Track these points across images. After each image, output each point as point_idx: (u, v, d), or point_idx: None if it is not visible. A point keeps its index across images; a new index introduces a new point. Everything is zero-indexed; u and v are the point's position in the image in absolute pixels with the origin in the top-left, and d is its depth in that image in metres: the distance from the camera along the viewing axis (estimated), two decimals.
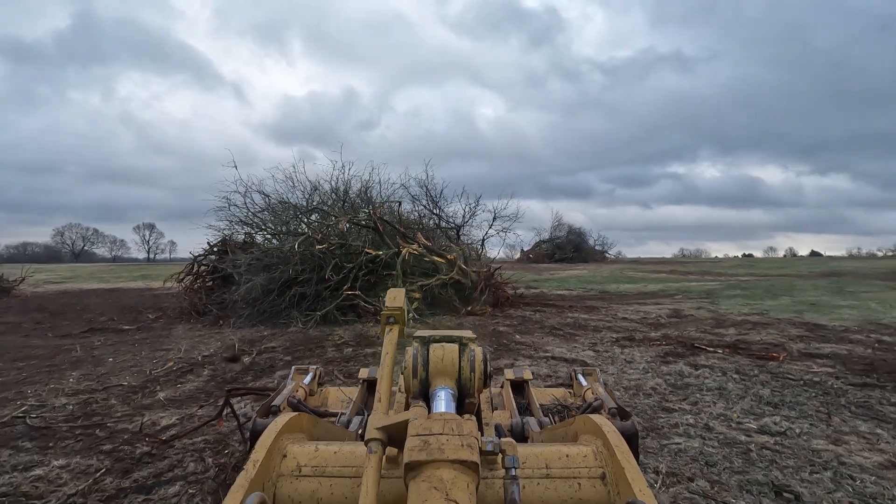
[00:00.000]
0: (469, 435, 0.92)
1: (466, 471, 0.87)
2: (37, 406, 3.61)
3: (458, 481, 0.85)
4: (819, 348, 5.63)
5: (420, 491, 0.84)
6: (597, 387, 2.16)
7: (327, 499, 1.06)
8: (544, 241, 39.77)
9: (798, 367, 4.70)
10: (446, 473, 0.85)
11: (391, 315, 1.54)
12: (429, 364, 1.34)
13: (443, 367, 1.33)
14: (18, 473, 2.48)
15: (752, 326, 7.35)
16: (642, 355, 5.31)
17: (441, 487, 0.83)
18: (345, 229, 8.73)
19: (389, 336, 1.48)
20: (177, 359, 5.27)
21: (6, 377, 4.55)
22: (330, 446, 1.15)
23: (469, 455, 0.88)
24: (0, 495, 2.25)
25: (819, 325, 7.46)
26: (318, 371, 2.44)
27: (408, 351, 1.39)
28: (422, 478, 0.86)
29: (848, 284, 15.00)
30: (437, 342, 1.39)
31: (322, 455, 1.11)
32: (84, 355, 5.62)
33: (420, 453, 0.88)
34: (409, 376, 1.34)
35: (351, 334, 6.88)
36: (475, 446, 0.90)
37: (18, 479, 2.42)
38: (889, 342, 5.98)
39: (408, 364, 1.36)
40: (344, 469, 1.09)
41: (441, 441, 0.89)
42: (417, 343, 1.41)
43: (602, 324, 7.78)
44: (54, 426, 3.18)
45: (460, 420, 0.95)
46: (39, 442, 2.92)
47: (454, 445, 0.88)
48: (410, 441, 0.91)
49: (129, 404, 3.68)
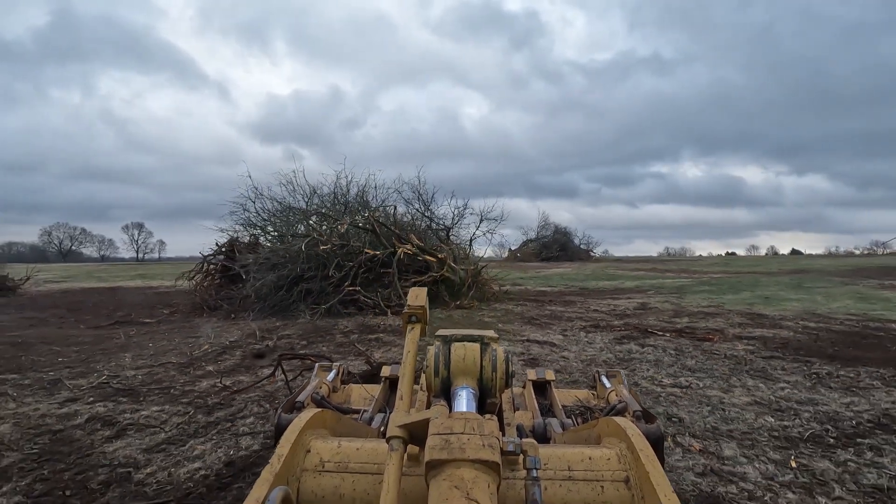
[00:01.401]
0: (490, 435, 0.92)
1: (487, 471, 0.87)
2: (112, 376, 4.52)
3: (479, 481, 0.85)
4: (751, 332, 6.70)
5: (441, 490, 0.84)
6: (621, 389, 2.15)
7: (350, 494, 1.07)
8: (531, 241, 41.00)
9: (726, 346, 5.76)
10: (467, 473, 0.86)
11: (413, 314, 1.51)
12: (450, 363, 1.36)
13: (464, 366, 1.34)
14: (130, 414, 3.41)
15: (704, 316, 8.44)
16: (602, 338, 6.34)
17: (462, 487, 0.83)
18: (345, 231, 9.66)
19: (411, 335, 1.46)
20: (209, 343, 6.19)
21: (71, 358, 5.45)
22: (352, 443, 1.16)
23: (490, 455, 0.88)
24: (128, 425, 3.19)
25: (762, 314, 8.57)
26: (341, 368, 2.50)
27: (429, 350, 1.42)
28: (442, 476, 0.86)
29: (808, 281, 16.24)
30: (458, 341, 1.41)
31: (345, 451, 1.13)
32: (126, 342, 6.51)
33: (441, 452, 0.88)
34: (430, 375, 1.36)
35: (354, 324, 7.82)
36: (496, 446, 0.91)
37: (134, 417, 3.36)
38: (812, 327, 7.08)
39: (429, 363, 1.38)
40: (366, 465, 1.10)
41: (462, 440, 0.89)
42: (439, 342, 1.43)
43: (575, 315, 8.82)
44: (136, 388, 4.11)
45: (482, 419, 0.95)
46: (131, 398, 3.85)
47: (475, 445, 0.89)
48: (432, 440, 0.92)
49: (185, 375, 4.61)
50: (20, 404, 3.63)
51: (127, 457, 2.72)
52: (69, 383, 4.22)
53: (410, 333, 1.44)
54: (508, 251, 39.59)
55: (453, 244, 12.27)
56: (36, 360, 5.29)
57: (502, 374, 1.34)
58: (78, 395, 3.87)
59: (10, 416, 3.35)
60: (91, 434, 3.05)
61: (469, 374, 1.33)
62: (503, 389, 1.36)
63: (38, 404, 3.63)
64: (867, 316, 8.23)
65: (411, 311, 1.49)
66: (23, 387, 4.14)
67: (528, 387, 2.44)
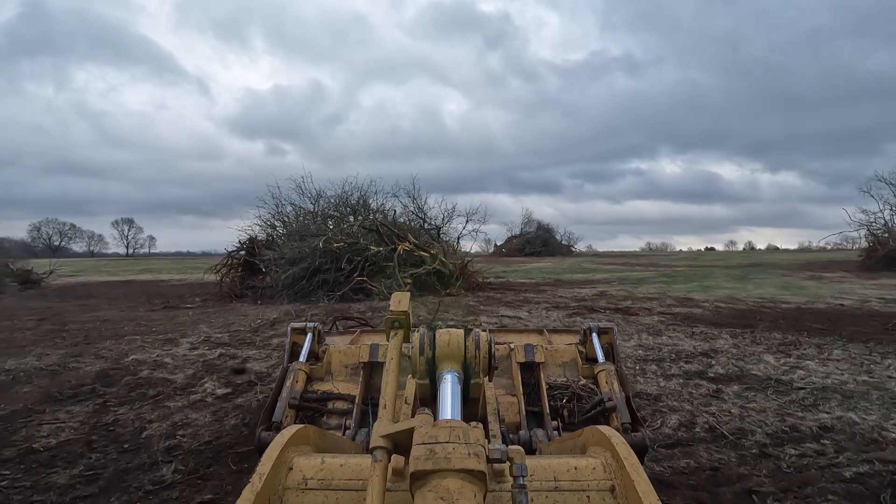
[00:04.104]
0: (476, 443, 0.92)
1: (473, 480, 0.87)
2: (207, 338, 6.40)
3: (465, 491, 0.84)
4: (672, 311, 8.78)
5: (426, 501, 0.84)
6: (612, 377, 2.14)
7: None
8: (515, 237, 43.20)
9: (647, 319, 7.81)
10: (453, 483, 0.85)
11: (396, 319, 1.42)
12: (435, 346, 1.38)
13: (449, 351, 1.37)
14: (241, 353, 5.32)
15: (646, 300, 10.53)
16: (558, 314, 8.37)
17: (448, 498, 0.83)
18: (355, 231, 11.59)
19: (394, 341, 1.39)
20: (259, 318, 8.09)
21: (161, 328, 7.30)
22: (336, 459, 1.15)
23: (476, 464, 0.87)
24: (245, 358, 5.10)
25: (692, 299, 10.68)
26: (316, 330, 2.45)
27: (414, 335, 1.43)
28: (428, 487, 0.86)
29: (753, 273, 18.52)
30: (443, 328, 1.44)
31: (328, 468, 1.12)
32: (193, 319, 8.38)
33: (426, 462, 0.88)
34: (415, 356, 1.38)
35: (364, 307, 9.76)
36: (482, 455, 0.90)
37: (244, 355, 5.27)
38: (721, 307, 9.20)
39: (415, 345, 1.40)
40: (350, 482, 1.09)
41: (447, 449, 0.89)
42: (424, 328, 1.46)
43: (543, 300, 10.86)
44: (230, 342, 6.01)
45: (467, 427, 0.95)
46: (231, 347, 5.74)
47: (461, 454, 0.88)
48: (416, 449, 0.91)
49: (257, 336, 6.51)
50: (164, 351, 5.52)
51: (258, 371, 4.65)
52: (182, 341, 6.10)
53: (394, 339, 1.39)
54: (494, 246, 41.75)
55: (443, 241, 14.24)
56: (136, 330, 7.14)
57: (486, 354, 1.35)
58: (196, 346, 5.77)
59: (166, 355, 5.25)
60: (226, 362, 4.97)
61: (453, 358, 1.35)
62: (487, 371, 1.37)
63: (176, 350, 5.53)
64: (772, 300, 10.39)
65: (394, 316, 1.42)
66: (151, 343, 6.02)
67: (516, 370, 2.33)
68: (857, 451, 2.75)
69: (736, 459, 2.68)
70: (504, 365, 2.36)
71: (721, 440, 2.94)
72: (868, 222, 22.71)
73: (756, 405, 3.55)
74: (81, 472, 2.59)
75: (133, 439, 3.04)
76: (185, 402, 3.77)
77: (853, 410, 3.39)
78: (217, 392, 4.00)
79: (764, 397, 3.73)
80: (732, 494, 2.30)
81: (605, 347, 2.40)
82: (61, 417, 3.42)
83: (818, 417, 3.26)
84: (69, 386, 4.16)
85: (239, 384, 4.23)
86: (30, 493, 2.38)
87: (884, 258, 19.27)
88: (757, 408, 3.49)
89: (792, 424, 3.15)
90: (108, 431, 3.16)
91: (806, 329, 6.66)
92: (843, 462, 2.61)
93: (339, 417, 2.17)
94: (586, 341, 2.46)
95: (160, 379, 4.35)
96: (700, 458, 2.70)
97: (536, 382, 2.28)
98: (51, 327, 7.51)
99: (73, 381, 4.32)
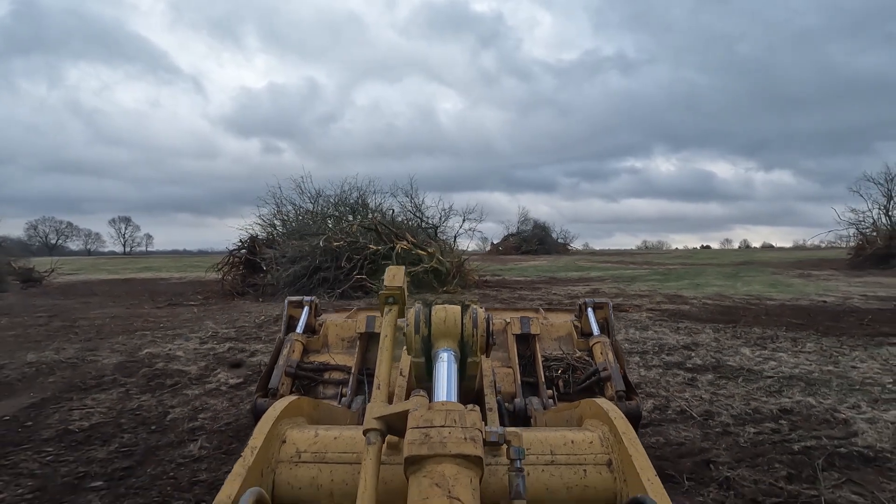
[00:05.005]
0: (472, 427, 0.90)
1: (470, 465, 0.85)
2: (214, 333, 6.69)
3: (461, 477, 0.83)
4: (662, 307, 9.13)
5: (421, 487, 0.82)
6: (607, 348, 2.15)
7: (327, 485, 1.05)
8: (512, 235, 43.56)
9: (636, 315, 8.15)
10: (448, 469, 0.83)
11: (390, 295, 1.42)
12: (431, 323, 1.34)
13: (445, 328, 1.33)
14: (248, 347, 5.62)
15: (637, 297, 10.87)
16: None
17: (443, 484, 0.81)
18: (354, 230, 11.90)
19: (388, 317, 1.38)
20: (263, 315, 8.39)
21: (169, 325, 7.60)
22: (330, 431, 1.14)
23: (472, 449, 0.86)
24: (252, 351, 5.41)
25: (682, 296, 11.03)
26: (313, 304, 2.45)
27: (410, 312, 1.39)
28: (423, 473, 0.84)
29: (744, 271, 18.91)
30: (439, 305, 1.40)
31: (322, 440, 1.11)
32: (198, 315, 8.67)
33: (421, 447, 0.86)
34: (411, 333, 1.34)
35: (363, 304, 10.07)
36: (479, 439, 0.88)
37: (251, 349, 5.57)
38: (708, 304, 9.55)
39: (410, 321, 1.35)
40: (344, 455, 1.08)
41: (443, 434, 0.87)
42: (420, 304, 1.42)
43: (537, 297, 11.19)
44: (237, 337, 6.31)
45: (463, 410, 0.93)
46: (238, 341, 6.04)
47: (457, 439, 0.86)
48: (410, 434, 0.89)
49: (262, 330, 6.81)
50: (175, 345, 5.82)
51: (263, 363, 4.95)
52: (191, 336, 6.41)
53: (388, 316, 1.36)
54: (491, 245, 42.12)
55: (440, 240, 14.56)
56: (144, 326, 7.43)
57: (483, 332, 1.32)
58: (205, 340, 6.07)
59: (178, 348, 5.55)
60: (235, 355, 5.28)
61: (450, 336, 1.32)
62: (484, 349, 1.34)
63: (186, 344, 5.83)
64: (759, 297, 10.75)
65: (388, 291, 1.39)
66: (161, 338, 6.31)
67: (512, 342, 2.33)
68: (809, 429, 3.08)
69: (700, 436, 3.01)
70: (500, 338, 2.34)
71: (689, 421, 3.27)
72: (857, 221, 23.18)
73: (726, 391, 3.88)
74: (117, 448, 2.90)
75: (159, 422, 3.34)
76: (202, 390, 4.08)
77: (812, 395, 3.72)
78: (230, 382, 4.31)
79: (734, 385, 4.07)
80: (693, 464, 2.63)
81: (601, 322, 2.43)
82: (89, 404, 3.72)
83: (780, 402, 3.60)
84: (91, 377, 4.46)
85: (250, 374, 4.54)
86: (74, 465, 2.68)
87: (871, 256, 19.72)
88: (726, 394, 3.83)
89: (755, 408, 3.48)
90: (134, 415, 3.47)
91: (785, 324, 7.01)
92: (794, 438, 2.94)
93: (335, 387, 2.19)
94: (582, 316, 2.49)
95: (175, 370, 4.65)
96: (669, 436, 3.03)
97: (532, 354, 2.28)
98: (61, 324, 7.79)
99: (93, 372, 4.62)
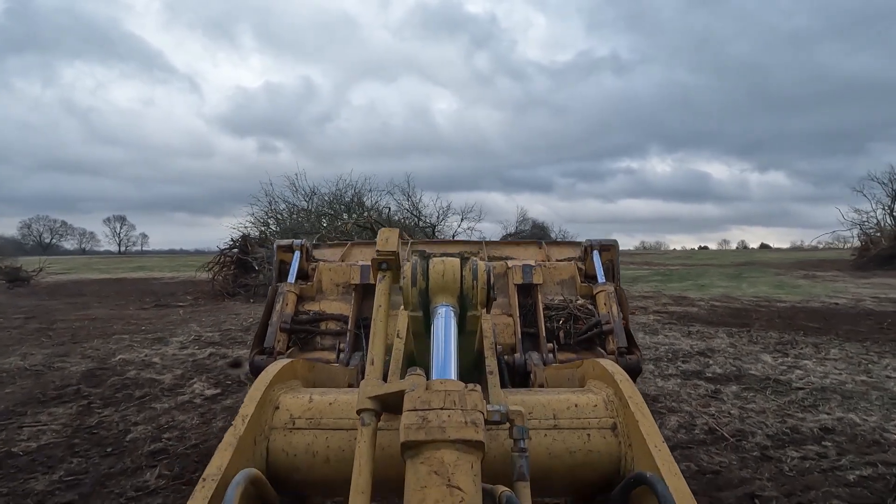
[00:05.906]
0: (473, 409, 0.83)
1: (470, 450, 0.78)
2: (197, 337, 6.29)
3: (462, 463, 0.77)
4: (668, 309, 8.75)
5: (419, 475, 0.76)
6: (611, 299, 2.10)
7: (323, 452, 1.02)
8: (510, 235, 43.13)
9: (643, 318, 7.77)
10: (448, 455, 0.77)
11: (384, 260, 1.26)
12: (429, 277, 1.24)
13: (444, 283, 1.23)
14: (231, 353, 5.22)
15: (642, 298, 10.49)
16: None
17: (442, 472, 0.75)
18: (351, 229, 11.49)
19: (382, 285, 1.25)
20: (251, 317, 7.97)
21: (151, 327, 7.18)
22: (325, 396, 1.10)
23: (474, 434, 0.79)
24: (235, 357, 5.00)
25: (688, 297, 10.66)
26: (304, 247, 2.38)
27: (406, 265, 1.27)
28: (420, 459, 0.78)
29: (747, 272, 18.58)
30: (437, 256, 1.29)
31: (317, 406, 1.07)
32: (184, 318, 8.25)
33: (418, 432, 0.79)
34: (407, 286, 1.24)
35: None
36: (480, 422, 0.81)
37: (233, 354, 5.16)
38: (717, 306, 9.17)
39: (406, 275, 1.25)
40: (340, 421, 1.04)
41: (442, 417, 0.81)
42: (417, 256, 1.30)
43: None
44: (220, 342, 5.90)
45: (463, 390, 0.86)
46: (221, 346, 5.64)
47: (457, 423, 0.80)
48: (407, 417, 0.82)
49: (249, 335, 6.40)
50: (153, 350, 5.41)
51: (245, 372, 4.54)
52: (171, 340, 5.99)
53: (381, 284, 1.25)
54: None
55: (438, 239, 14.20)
56: (125, 328, 7.01)
57: (483, 285, 1.24)
58: (185, 345, 5.66)
59: (154, 354, 5.14)
60: (216, 362, 4.87)
61: (448, 291, 1.23)
62: (485, 304, 1.27)
63: (165, 349, 5.42)
64: (767, 298, 10.39)
65: (381, 256, 1.27)
66: (140, 342, 5.90)
67: (513, 291, 2.25)
68: (860, 453, 2.69)
69: (737, 462, 2.62)
70: (500, 283, 2.28)
71: (721, 442, 2.88)
72: (861, 221, 22.87)
73: (755, 406, 3.49)
74: (62, 477, 2.49)
75: (117, 443, 2.94)
76: (173, 403, 3.67)
77: (853, 411, 3.34)
78: (206, 393, 3.91)
79: (763, 398, 3.68)
80: (735, 499, 2.24)
81: (606, 265, 2.33)
82: (43, 420, 3.31)
83: (819, 419, 3.21)
84: (53, 387, 4.05)
85: (229, 384, 4.13)
86: (5, 500, 2.28)
87: (876, 257, 19.39)
88: (756, 408, 3.44)
89: (792, 426, 3.09)
90: (91, 434, 3.06)
91: (802, 328, 6.64)
92: (845, 465, 2.55)
93: (332, 338, 2.14)
94: (586, 259, 2.39)
95: (147, 379, 4.25)
96: (700, 461, 2.64)
97: (533, 304, 2.22)
98: (38, 326, 7.36)
99: (57, 381, 4.20)
